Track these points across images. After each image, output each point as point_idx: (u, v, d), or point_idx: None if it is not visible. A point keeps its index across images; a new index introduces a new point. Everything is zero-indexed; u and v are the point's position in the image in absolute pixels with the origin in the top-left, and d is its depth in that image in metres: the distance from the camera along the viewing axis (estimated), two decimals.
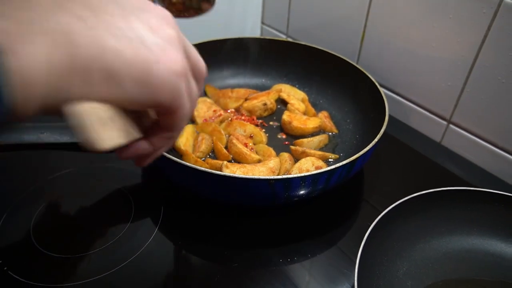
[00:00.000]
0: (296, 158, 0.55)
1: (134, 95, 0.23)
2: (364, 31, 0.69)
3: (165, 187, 0.52)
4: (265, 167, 0.51)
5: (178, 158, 0.43)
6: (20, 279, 0.40)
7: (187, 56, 0.27)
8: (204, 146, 0.55)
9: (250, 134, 0.59)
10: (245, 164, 0.51)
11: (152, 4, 0.27)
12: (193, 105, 0.29)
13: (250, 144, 0.57)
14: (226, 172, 0.48)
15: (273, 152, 0.55)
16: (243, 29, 0.90)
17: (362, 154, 0.45)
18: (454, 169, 0.59)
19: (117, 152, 0.28)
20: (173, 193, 0.51)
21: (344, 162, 0.43)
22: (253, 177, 0.40)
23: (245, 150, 0.54)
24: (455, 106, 0.59)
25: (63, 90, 0.21)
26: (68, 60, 0.20)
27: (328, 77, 0.68)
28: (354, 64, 0.63)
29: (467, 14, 0.53)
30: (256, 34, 0.93)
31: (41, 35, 0.19)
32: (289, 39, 0.85)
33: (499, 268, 0.42)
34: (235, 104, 0.65)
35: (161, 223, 0.47)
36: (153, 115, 0.30)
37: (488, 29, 0.51)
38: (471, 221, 0.45)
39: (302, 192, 0.44)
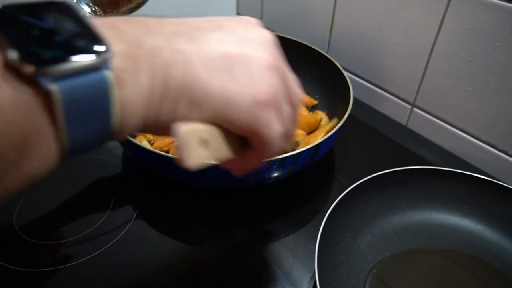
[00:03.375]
0: None
1: (214, 120, 0.25)
2: (332, 21, 0.71)
3: (143, 176, 0.55)
4: None
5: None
6: (6, 265, 0.42)
7: (284, 84, 0.27)
8: None
9: None
10: None
11: (255, 30, 0.28)
12: (287, 128, 0.28)
13: None
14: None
15: None
16: None
17: (326, 139, 0.48)
18: (419, 151, 0.62)
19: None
20: (152, 181, 0.54)
21: (308, 146, 0.46)
22: None
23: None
24: (418, 90, 0.63)
25: (154, 115, 0.23)
26: (162, 91, 0.23)
27: (300, 66, 0.70)
28: (324, 53, 0.65)
29: (423, 4, 0.56)
30: None
31: (146, 71, 0.22)
32: None
33: (451, 238, 0.46)
34: None
35: (139, 210, 0.50)
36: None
37: (443, 17, 0.54)
38: (427, 197, 0.48)
39: (270, 175, 0.47)
